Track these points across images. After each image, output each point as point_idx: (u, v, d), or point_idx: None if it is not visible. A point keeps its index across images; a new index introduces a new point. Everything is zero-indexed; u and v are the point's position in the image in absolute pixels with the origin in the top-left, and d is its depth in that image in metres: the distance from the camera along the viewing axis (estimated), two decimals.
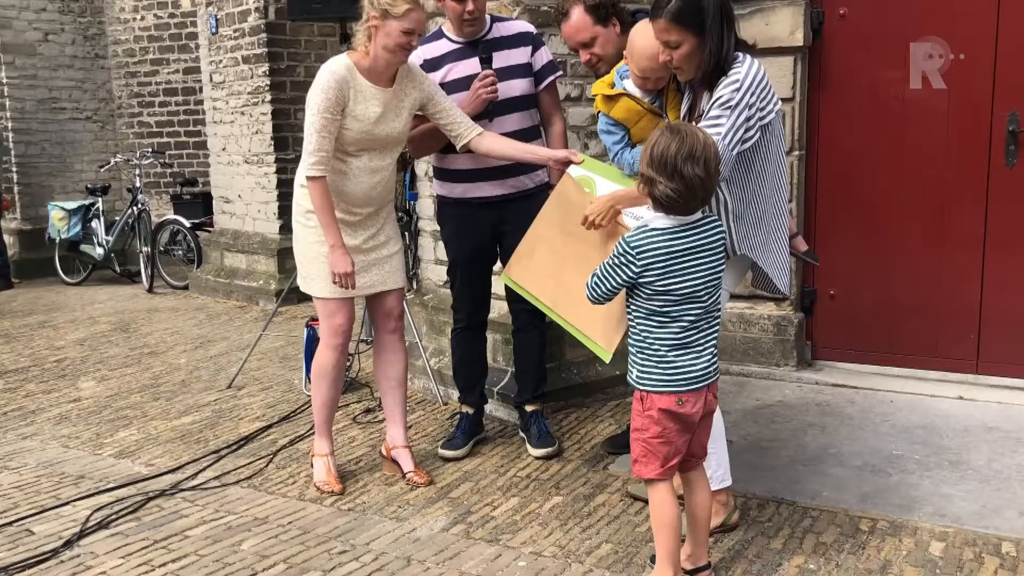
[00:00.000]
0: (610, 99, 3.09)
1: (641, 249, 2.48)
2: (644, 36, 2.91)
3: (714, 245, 2.56)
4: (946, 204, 4.35)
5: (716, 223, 2.59)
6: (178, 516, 3.41)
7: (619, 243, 2.53)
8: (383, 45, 3.26)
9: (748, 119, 2.72)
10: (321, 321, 3.58)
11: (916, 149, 4.39)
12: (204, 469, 3.88)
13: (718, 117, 2.71)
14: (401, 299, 3.70)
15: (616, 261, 2.52)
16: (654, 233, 2.50)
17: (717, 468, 2.99)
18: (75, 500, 3.57)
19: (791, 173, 4.53)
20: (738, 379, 4.67)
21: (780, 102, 2.87)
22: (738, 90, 2.70)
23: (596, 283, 2.60)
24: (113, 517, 3.40)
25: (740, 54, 2.78)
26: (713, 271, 2.55)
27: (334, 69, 3.29)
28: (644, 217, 2.65)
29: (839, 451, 3.72)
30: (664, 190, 2.43)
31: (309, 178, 3.29)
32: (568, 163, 3.23)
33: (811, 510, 3.23)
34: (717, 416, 2.99)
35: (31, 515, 3.45)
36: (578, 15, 3.39)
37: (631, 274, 2.50)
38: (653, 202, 2.50)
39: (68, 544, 3.20)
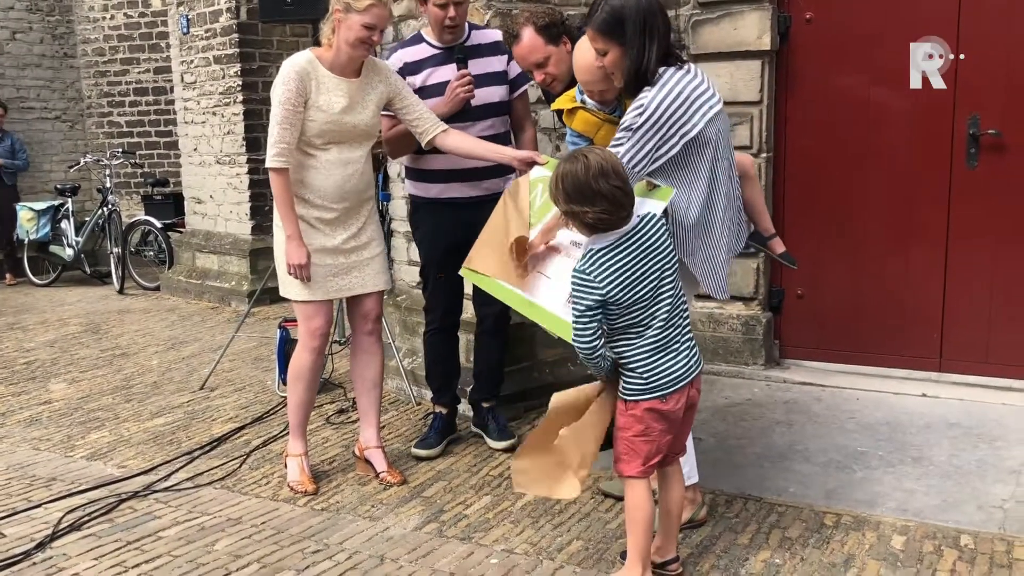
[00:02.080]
0: (570, 112, 3.17)
1: (596, 273, 2.50)
2: (580, 50, 3.03)
3: (660, 241, 2.58)
4: (910, 205, 4.44)
5: (654, 220, 2.60)
6: (151, 517, 3.41)
7: (573, 278, 2.54)
8: (344, 38, 3.31)
9: (660, 138, 2.77)
10: (300, 324, 3.60)
11: (882, 151, 4.47)
12: (177, 470, 3.88)
13: (619, 139, 2.79)
14: (380, 301, 3.71)
15: (579, 295, 2.52)
16: (600, 253, 2.52)
17: (684, 464, 3.05)
18: (47, 502, 3.56)
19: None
20: (708, 378, 4.73)
21: (719, 107, 2.85)
22: (641, 114, 2.76)
23: (577, 328, 2.54)
24: (85, 519, 3.40)
25: (666, 68, 2.81)
26: (667, 266, 2.58)
27: (295, 62, 3.36)
28: (583, 242, 2.63)
29: (805, 448, 3.79)
30: (595, 215, 2.46)
31: (270, 169, 3.32)
32: (532, 164, 3.27)
33: (777, 506, 3.30)
34: None
35: (2, 517, 3.44)
36: (529, 36, 3.42)
37: (599, 298, 2.50)
38: (589, 231, 2.53)
39: (40, 546, 3.20)
